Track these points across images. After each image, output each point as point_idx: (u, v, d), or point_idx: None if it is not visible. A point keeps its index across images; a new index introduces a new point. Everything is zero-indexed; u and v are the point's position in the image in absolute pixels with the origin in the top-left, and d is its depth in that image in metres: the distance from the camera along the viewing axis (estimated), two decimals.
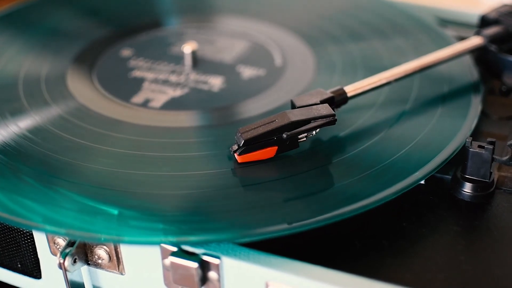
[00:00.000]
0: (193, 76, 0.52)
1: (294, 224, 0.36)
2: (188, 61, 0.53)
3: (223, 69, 0.53)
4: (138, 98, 0.49)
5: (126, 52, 0.55)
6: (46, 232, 0.37)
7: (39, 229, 0.36)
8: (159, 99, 0.49)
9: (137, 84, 0.51)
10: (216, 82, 0.51)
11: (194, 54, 0.53)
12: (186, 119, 0.46)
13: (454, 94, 0.48)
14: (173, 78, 0.52)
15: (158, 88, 0.50)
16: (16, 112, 0.46)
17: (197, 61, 0.53)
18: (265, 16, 0.60)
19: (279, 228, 0.36)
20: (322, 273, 0.35)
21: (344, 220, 0.37)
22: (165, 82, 0.51)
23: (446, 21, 0.60)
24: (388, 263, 0.36)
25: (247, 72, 0.52)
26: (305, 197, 0.38)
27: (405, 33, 0.56)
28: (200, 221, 0.36)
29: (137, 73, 0.52)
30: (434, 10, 0.61)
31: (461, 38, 0.54)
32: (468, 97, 0.48)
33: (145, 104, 0.48)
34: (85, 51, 0.55)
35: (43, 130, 0.44)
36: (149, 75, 0.52)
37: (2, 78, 0.51)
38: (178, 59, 0.54)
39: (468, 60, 0.52)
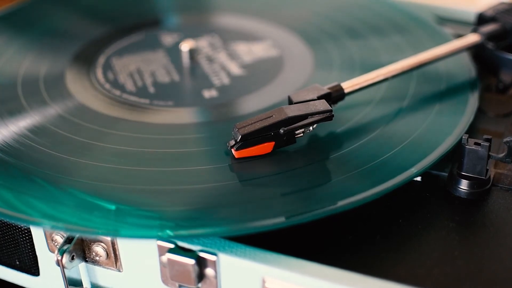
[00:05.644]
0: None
1: (291, 218, 0.36)
2: (185, 58, 0.53)
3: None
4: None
5: (124, 50, 0.55)
6: (44, 226, 0.37)
7: (36, 223, 0.36)
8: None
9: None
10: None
11: (191, 52, 0.53)
12: (184, 115, 0.47)
13: (451, 91, 0.48)
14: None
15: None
16: (15, 111, 0.47)
17: (195, 59, 0.54)
18: (263, 14, 0.60)
19: (276, 222, 0.36)
20: (318, 269, 0.35)
21: (339, 216, 0.37)
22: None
23: (443, 19, 0.60)
24: (383, 258, 0.36)
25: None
26: (301, 192, 0.38)
27: (403, 31, 0.56)
28: (197, 215, 0.37)
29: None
30: (432, 8, 0.61)
31: (458, 36, 0.54)
32: (465, 94, 0.48)
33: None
34: (84, 50, 0.55)
35: (42, 128, 0.44)
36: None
37: (1, 77, 0.51)
38: (176, 57, 0.54)
39: (465, 57, 0.52)
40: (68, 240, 0.39)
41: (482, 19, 0.54)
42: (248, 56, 0.54)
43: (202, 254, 0.36)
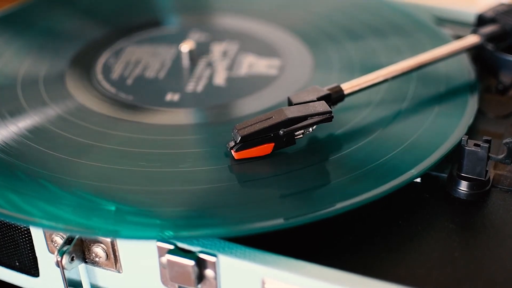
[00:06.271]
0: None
1: (291, 219, 0.36)
2: (185, 59, 0.53)
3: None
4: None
5: (124, 51, 0.55)
6: (43, 226, 0.37)
7: (36, 224, 0.37)
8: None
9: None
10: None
11: (191, 53, 0.53)
12: (184, 116, 0.47)
13: (451, 92, 0.48)
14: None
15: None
16: (15, 111, 0.47)
17: (195, 60, 0.54)
18: (263, 15, 0.60)
19: (276, 223, 0.36)
20: (318, 270, 0.35)
21: (339, 217, 0.37)
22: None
23: (443, 20, 0.60)
24: (383, 259, 0.37)
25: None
26: (301, 193, 0.38)
27: (402, 32, 0.56)
28: (197, 216, 0.37)
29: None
30: (431, 9, 0.61)
31: (458, 37, 0.54)
32: (464, 95, 0.48)
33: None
34: (84, 51, 0.55)
35: (41, 129, 0.44)
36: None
37: (1, 78, 0.51)
38: (176, 57, 0.54)
39: (465, 58, 0.52)
40: (68, 241, 0.39)
41: (481, 20, 0.54)
42: (246, 69, 0.53)
43: (201, 255, 0.36)
